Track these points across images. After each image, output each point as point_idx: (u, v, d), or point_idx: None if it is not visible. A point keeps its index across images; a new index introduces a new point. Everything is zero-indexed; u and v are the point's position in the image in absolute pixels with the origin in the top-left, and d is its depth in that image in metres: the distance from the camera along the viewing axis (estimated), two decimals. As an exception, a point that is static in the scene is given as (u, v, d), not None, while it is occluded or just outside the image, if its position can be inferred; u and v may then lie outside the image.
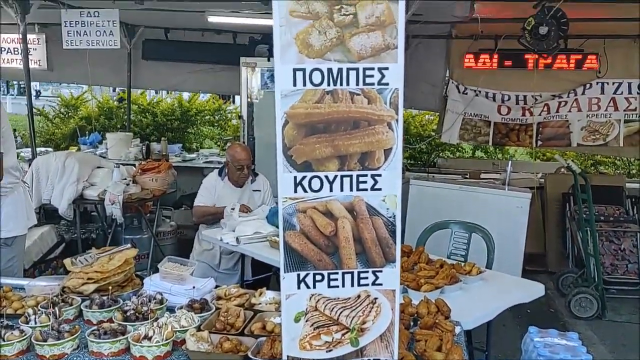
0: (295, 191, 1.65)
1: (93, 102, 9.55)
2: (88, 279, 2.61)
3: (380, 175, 1.66)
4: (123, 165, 5.65)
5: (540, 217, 6.30)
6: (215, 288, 2.71)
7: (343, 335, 1.71)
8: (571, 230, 5.85)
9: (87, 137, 7.82)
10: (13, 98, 21.09)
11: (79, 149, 7.50)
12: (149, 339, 2.08)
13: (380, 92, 1.62)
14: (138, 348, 2.06)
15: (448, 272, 2.98)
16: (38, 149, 6.19)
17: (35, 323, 2.24)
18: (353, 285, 1.71)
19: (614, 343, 4.66)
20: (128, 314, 2.29)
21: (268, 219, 4.06)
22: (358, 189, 1.66)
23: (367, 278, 1.71)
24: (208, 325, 2.28)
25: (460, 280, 3.00)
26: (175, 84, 8.26)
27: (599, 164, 8.75)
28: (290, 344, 1.71)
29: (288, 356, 1.72)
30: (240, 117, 7.14)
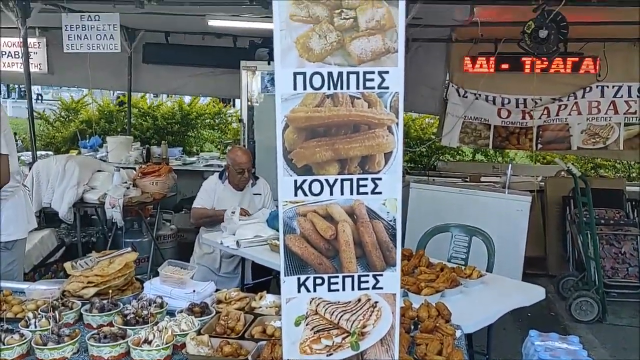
0: (296, 195, 1.65)
1: (93, 106, 9.56)
2: (88, 282, 2.61)
3: (380, 178, 1.66)
4: (123, 168, 5.66)
5: (540, 221, 6.30)
6: (215, 292, 2.71)
7: (343, 339, 1.70)
8: (571, 233, 5.85)
9: (88, 141, 7.82)
10: (14, 102, 21.11)
11: (80, 153, 7.49)
12: (149, 342, 2.07)
13: (380, 96, 1.62)
14: (138, 352, 2.06)
15: (448, 276, 2.98)
16: (38, 153, 6.21)
17: (36, 327, 2.23)
18: (353, 289, 1.71)
19: (614, 347, 4.65)
20: (128, 317, 2.29)
21: (268, 222, 4.06)
22: (358, 193, 1.66)
23: (368, 282, 1.71)
24: (208, 329, 2.28)
25: (461, 283, 2.99)
26: (175, 87, 8.28)
27: (599, 167, 8.76)
28: (290, 347, 1.71)
29: (288, 360, 1.72)
30: (240, 121, 7.14)
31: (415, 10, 4.64)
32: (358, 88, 1.61)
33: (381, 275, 1.71)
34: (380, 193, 1.67)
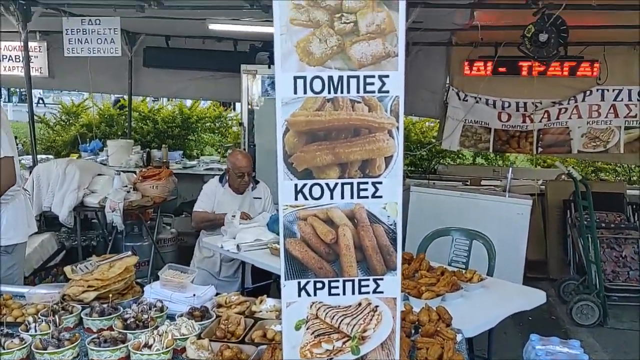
0: (296, 199, 1.65)
1: (94, 110, 9.57)
2: (88, 286, 2.60)
3: (381, 182, 1.66)
4: (124, 172, 5.65)
5: (541, 224, 6.30)
6: (215, 296, 2.70)
7: (344, 343, 1.70)
8: (572, 237, 5.84)
9: (88, 145, 7.83)
10: (14, 105, 21.15)
11: (80, 156, 7.51)
12: (149, 347, 2.07)
13: (380, 100, 1.62)
14: (138, 356, 2.05)
15: (449, 280, 2.98)
16: (39, 156, 6.21)
17: (36, 331, 2.23)
18: (354, 293, 1.71)
19: (616, 350, 4.65)
20: (128, 321, 2.28)
21: (269, 226, 4.06)
22: (359, 197, 1.66)
23: (368, 286, 1.71)
24: (208, 333, 2.27)
25: (462, 287, 2.99)
26: (176, 91, 8.28)
27: (599, 171, 8.75)
28: (291, 352, 1.70)
29: (289, 364, 1.71)
30: (240, 124, 7.15)
31: (415, 14, 4.64)
32: (358, 92, 1.61)
33: (382, 279, 1.71)
34: (380, 197, 1.67)
